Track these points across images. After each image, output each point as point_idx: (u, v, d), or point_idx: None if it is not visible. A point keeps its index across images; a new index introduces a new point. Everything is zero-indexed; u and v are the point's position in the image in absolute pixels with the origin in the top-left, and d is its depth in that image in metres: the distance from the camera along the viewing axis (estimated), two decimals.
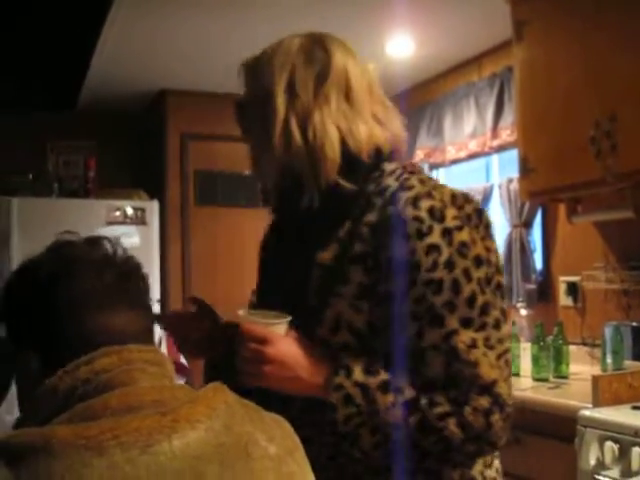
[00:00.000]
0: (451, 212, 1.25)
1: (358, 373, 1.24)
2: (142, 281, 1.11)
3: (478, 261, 1.24)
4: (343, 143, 1.31)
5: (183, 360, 4.69)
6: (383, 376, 1.24)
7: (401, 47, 4.17)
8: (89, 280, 1.03)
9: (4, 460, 0.87)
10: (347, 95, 1.34)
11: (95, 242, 1.09)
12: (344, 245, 1.29)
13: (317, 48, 1.38)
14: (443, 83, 4.68)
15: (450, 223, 1.24)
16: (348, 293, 1.27)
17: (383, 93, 1.42)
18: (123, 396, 0.94)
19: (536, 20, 3.41)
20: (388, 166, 1.34)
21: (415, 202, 1.24)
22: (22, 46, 4.32)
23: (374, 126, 1.34)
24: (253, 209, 5.15)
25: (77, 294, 1.02)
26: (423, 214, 1.23)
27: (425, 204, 1.24)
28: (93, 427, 0.88)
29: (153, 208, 4.71)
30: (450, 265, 1.22)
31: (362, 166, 1.32)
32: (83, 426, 0.89)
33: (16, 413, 1.05)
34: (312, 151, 1.31)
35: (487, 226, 1.30)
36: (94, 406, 0.93)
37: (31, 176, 4.78)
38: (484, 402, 1.21)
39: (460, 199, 1.29)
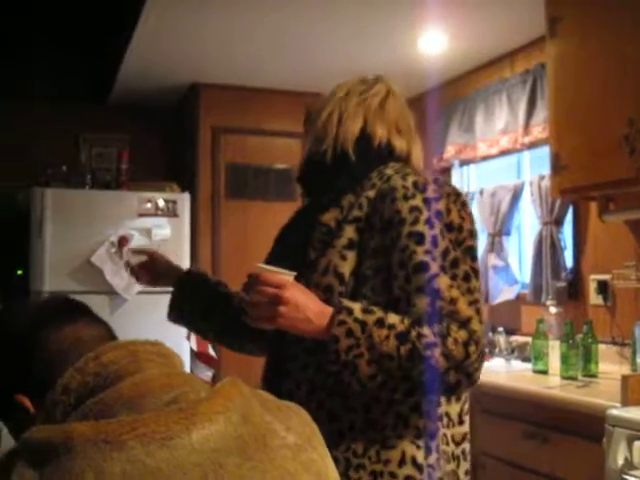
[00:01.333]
0: (432, 187, 1.52)
1: (357, 312, 1.44)
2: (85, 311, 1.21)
3: (450, 226, 1.49)
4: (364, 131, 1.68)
5: (211, 351, 4.73)
6: (378, 314, 1.44)
7: (434, 42, 4.17)
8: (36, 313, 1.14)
9: (26, 460, 0.88)
10: (381, 104, 1.75)
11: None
12: (343, 211, 1.58)
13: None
14: (475, 79, 4.66)
15: (430, 194, 1.51)
16: (339, 244, 1.54)
17: (412, 123, 1.78)
18: (133, 385, 0.96)
19: (570, 16, 3.38)
20: (392, 163, 1.65)
21: (404, 177, 1.54)
22: (58, 38, 4.37)
23: (394, 133, 1.70)
24: (283, 202, 5.18)
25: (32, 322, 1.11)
26: (409, 184, 1.52)
27: (411, 178, 1.53)
28: (112, 423, 0.90)
29: (184, 200, 4.74)
30: (429, 223, 1.48)
31: (373, 156, 1.65)
32: (103, 422, 0.90)
33: None
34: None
35: (463, 203, 1.55)
36: (105, 399, 0.95)
37: (65, 167, 4.83)
38: (463, 334, 1.41)
39: (441, 182, 1.56)
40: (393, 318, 1.44)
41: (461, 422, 1.62)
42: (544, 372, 3.45)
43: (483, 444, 3.31)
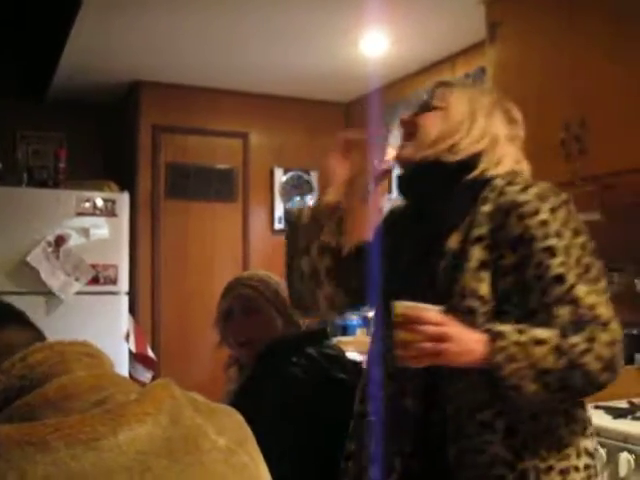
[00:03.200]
0: (553, 196, 1.55)
1: (512, 334, 1.46)
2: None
3: (577, 231, 1.54)
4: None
5: (150, 353, 4.68)
6: (531, 333, 1.46)
7: (375, 45, 4.19)
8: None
9: None
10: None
11: None
12: (466, 232, 1.57)
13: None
14: (416, 82, 4.71)
15: (554, 204, 1.54)
16: (470, 267, 1.54)
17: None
18: (60, 386, 0.93)
19: (509, 22, 3.43)
20: (497, 174, 1.64)
21: (524, 190, 1.55)
22: None
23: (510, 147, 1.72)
24: (224, 203, 5.16)
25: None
26: (532, 198, 1.54)
27: (532, 190, 1.55)
28: (37, 425, 0.87)
29: (123, 200, 4.67)
30: (559, 235, 1.52)
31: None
32: (27, 425, 0.87)
33: None
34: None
35: (573, 207, 1.58)
36: (31, 401, 0.92)
37: (0, 165, 4.72)
38: (607, 336, 1.47)
39: (556, 189, 1.58)
40: (545, 333, 1.46)
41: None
42: None
43: None
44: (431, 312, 1.46)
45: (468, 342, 1.45)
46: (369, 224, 1.98)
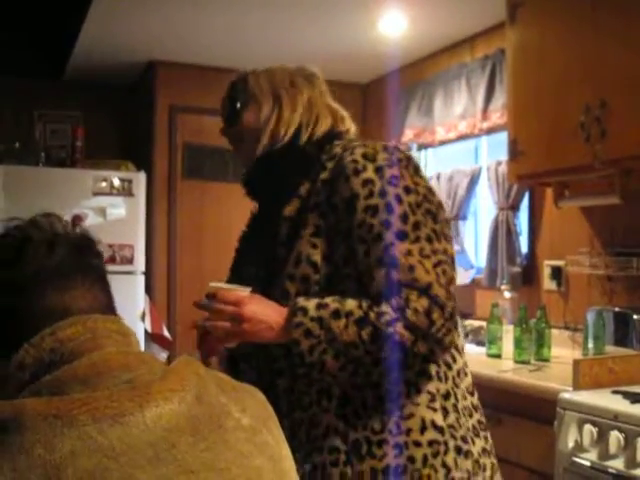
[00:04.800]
0: (382, 155, 1.51)
1: (312, 309, 1.44)
2: (97, 257, 1.09)
3: (407, 190, 1.49)
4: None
5: (166, 333, 4.70)
6: (333, 305, 1.44)
7: (393, 25, 4.15)
8: (40, 260, 1.01)
9: None
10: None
11: (42, 222, 1.07)
12: (304, 200, 1.57)
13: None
14: (435, 63, 4.67)
15: (381, 162, 1.50)
16: (306, 233, 1.53)
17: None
18: (90, 363, 0.94)
19: (530, 3, 3.39)
20: (337, 141, 1.65)
21: (352, 151, 1.53)
22: (12, 13, 4.27)
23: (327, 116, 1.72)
24: (239, 184, 5.14)
25: (29, 276, 1.01)
26: (358, 157, 1.51)
27: (359, 150, 1.52)
28: (65, 399, 0.88)
29: (140, 180, 4.68)
30: (383, 193, 1.47)
31: (319, 140, 1.65)
32: (55, 399, 0.88)
33: None
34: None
35: (415, 167, 1.55)
36: (60, 376, 0.93)
37: (18, 144, 4.74)
38: (423, 302, 1.41)
39: (391, 148, 1.55)
40: (350, 304, 1.44)
41: (466, 374, 1.63)
42: (498, 356, 3.48)
43: None
44: (233, 292, 1.49)
45: (267, 320, 1.46)
46: None
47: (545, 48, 3.31)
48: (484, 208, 4.45)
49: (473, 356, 3.63)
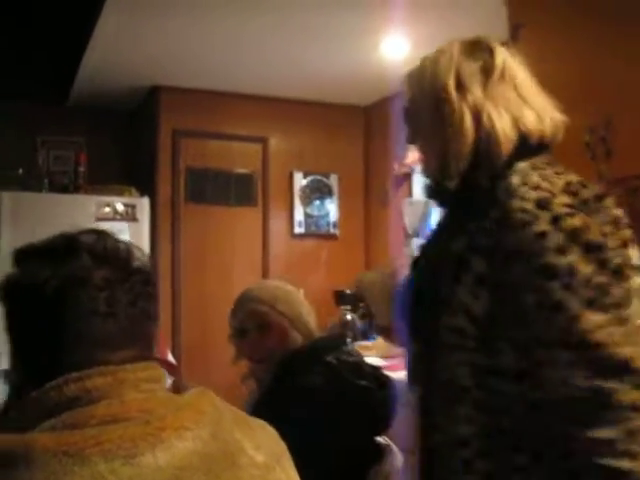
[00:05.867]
0: (560, 200, 1.25)
1: None
2: (151, 301, 1.04)
3: (589, 247, 1.21)
4: (516, 127, 1.38)
5: (171, 358, 4.66)
6: None
7: (396, 48, 4.15)
8: (94, 312, 0.96)
9: None
10: (514, 85, 1.46)
11: (104, 252, 1.01)
12: (472, 237, 1.31)
13: (477, 48, 1.50)
14: None
15: (559, 211, 1.23)
16: (468, 280, 1.29)
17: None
18: (108, 407, 0.91)
19: (533, 23, 3.39)
20: (520, 164, 1.35)
21: (524, 195, 1.27)
22: (16, 38, 4.28)
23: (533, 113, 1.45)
24: (244, 208, 5.14)
25: (83, 329, 0.96)
26: (529, 206, 1.24)
27: (534, 195, 1.26)
28: (76, 435, 0.85)
29: (144, 205, 4.68)
30: (561, 250, 1.21)
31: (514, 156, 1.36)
32: (66, 434, 0.86)
33: None
34: (488, 137, 1.36)
35: (607, 211, 1.27)
36: (78, 416, 0.90)
37: (21, 170, 4.74)
38: (634, 395, 1.15)
39: (575, 186, 1.28)
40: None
41: None
42: None
43: None
44: None
45: None
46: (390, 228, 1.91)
47: (547, 68, 3.29)
48: None
49: None
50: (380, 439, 2.09)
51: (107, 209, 4.56)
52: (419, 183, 4.97)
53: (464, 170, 1.37)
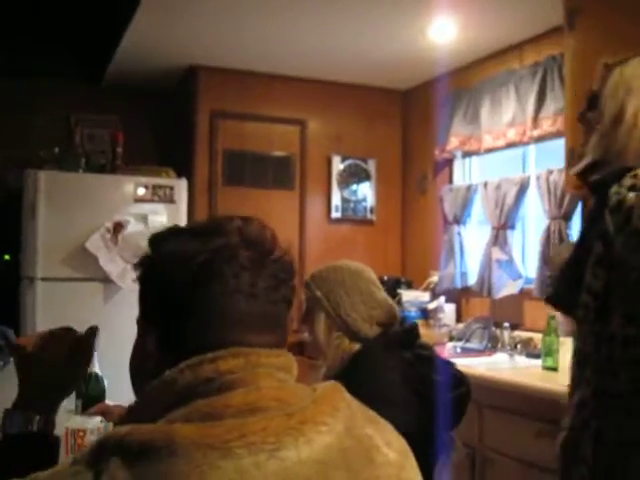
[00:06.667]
0: None
1: None
2: (291, 290, 1.04)
3: None
4: None
5: None
6: None
7: (443, 31, 4.08)
8: (238, 291, 0.97)
9: (120, 458, 0.82)
10: None
11: (251, 235, 1.01)
12: (594, 223, 1.57)
13: None
14: (481, 70, 4.59)
15: None
16: (590, 262, 1.54)
17: None
18: (245, 395, 0.90)
19: (589, 8, 3.32)
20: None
21: (633, 186, 1.49)
22: (53, 16, 4.23)
23: None
24: (281, 191, 5.09)
25: (226, 306, 0.96)
26: (622, 189, 1.49)
27: (627, 182, 1.50)
28: (218, 426, 0.85)
29: (181, 187, 4.63)
30: None
31: None
32: (208, 425, 0.85)
33: None
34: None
35: None
36: (214, 404, 0.89)
37: (57, 149, 4.69)
38: None
39: None
40: None
41: None
42: (554, 369, 3.40)
43: (491, 441, 3.27)
44: None
45: None
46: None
47: (603, 54, 3.23)
48: (532, 217, 4.37)
49: (527, 369, 3.56)
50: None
51: (145, 190, 4.52)
52: (459, 169, 4.91)
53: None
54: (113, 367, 2.24)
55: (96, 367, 2.38)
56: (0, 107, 4.95)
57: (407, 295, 4.71)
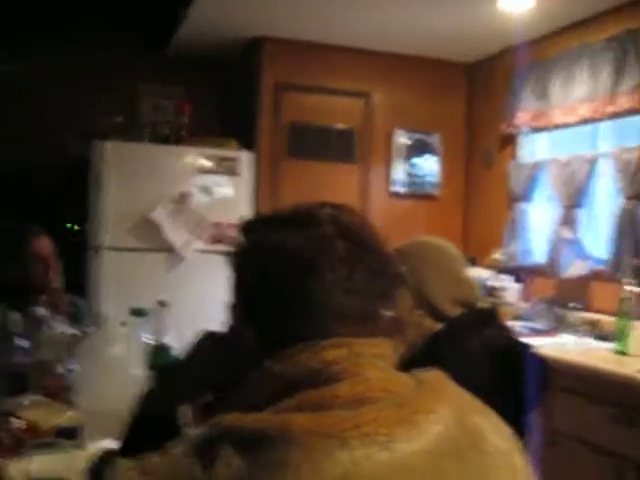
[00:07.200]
0: None
1: None
2: (389, 282, 1.02)
3: None
4: None
5: None
6: None
7: (517, 1, 3.94)
8: (336, 283, 0.96)
9: (232, 446, 0.82)
10: None
11: (346, 225, 1.00)
12: None
13: None
14: (553, 43, 4.46)
15: None
16: None
17: None
18: (352, 386, 0.90)
19: None
20: None
21: None
22: None
23: None
24: (344, 164, 5.05)
25: (323, 299, 0.95)
26: None
27: None
28: (331, 416, 0.84)
29: (245, 159, 4.62)
30: None
31: None
32: (321, 415, 0.84)
33: None
34: None
35: None
36: (324, 395, 0.89)
37: (121, 118, 4.70)
38: None
39: None
40: None
41: None
42: (623, 353, 3.33)
43: (558, 422, 3.22)
44: None
45: None
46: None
47: None
48: (603, 196, 4.25)
49: (598, 352, 3.49)
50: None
51: (209, 162, 4.51)
52: (525, 145, 4.80)
53: None
54: (175, 337, 2.26)
55: (165, 338, 2.39)
56: (65, 77, 4.98)
57: (469, 272, 4.65)
